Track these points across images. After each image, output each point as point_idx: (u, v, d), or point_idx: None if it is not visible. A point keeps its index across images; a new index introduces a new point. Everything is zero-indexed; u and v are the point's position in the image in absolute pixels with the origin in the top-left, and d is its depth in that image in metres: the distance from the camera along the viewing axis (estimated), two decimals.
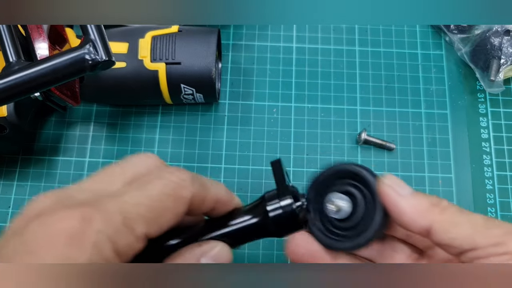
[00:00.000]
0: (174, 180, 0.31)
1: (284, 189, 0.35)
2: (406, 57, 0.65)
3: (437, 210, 0.32)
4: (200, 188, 0.33)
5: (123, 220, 0.28)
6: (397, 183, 0.33)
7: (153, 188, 0.30)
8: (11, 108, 0.52)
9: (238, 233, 0.35)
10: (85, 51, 0.36)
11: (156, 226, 0.30)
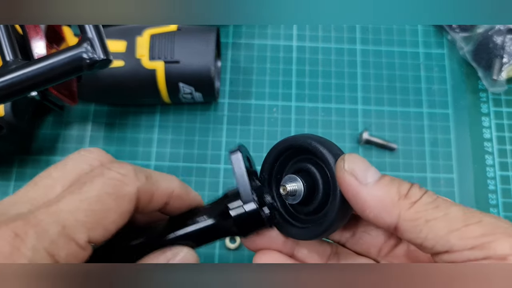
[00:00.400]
0: (114, 176, 0.29)
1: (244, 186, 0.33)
2: (407, 56, 0.65)
3: (405, 203, 0.27)
4: (146, 182, 0.30)
5: (60, 230, 0.25)
6: (359, 167, 0.28)
7: (91, 189, 0.27)
8: (8, 108, 0.52)
9: (200, 234, 0.33)
10: (83, 50, 0.36)
11: (100, 230, 0.27)
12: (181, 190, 0.33)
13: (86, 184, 0.28)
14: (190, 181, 0.59)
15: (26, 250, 0.24)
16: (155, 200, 0.31)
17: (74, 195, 0.27)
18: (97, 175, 0.28)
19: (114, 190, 0.28)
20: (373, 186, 0.28)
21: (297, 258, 0.35)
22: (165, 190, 0.32)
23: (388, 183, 0.28)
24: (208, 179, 0.59)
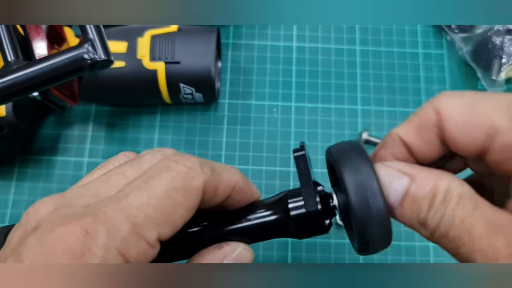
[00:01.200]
0: (181, 169, 0.28)
1: (308, 186, 0.31)
2: (407, 56, 0.65)
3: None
4: (212, 175, 0.29)
5: (131, 227, 0.24)
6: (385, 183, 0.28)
7: (159, 184, 0.26)
8: (10, 108, 0.52)
9: (258, 230, 0.32)
10: (84, 51, 0.36)
11: (169, 226, 0.26)
12: (243, 183, 0.32)
13: (153, 178, 0.27)
14: None
15: (97, 250, 0.23)
16: (219, 194, 0.30)
17: (142, 190, 0.26)
18: (164, 169, 0.28)
19: (182, 185, 0.27)
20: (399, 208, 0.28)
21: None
22: (229, 183, 0.31)
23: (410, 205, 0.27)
24: None
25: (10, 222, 0.57)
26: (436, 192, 0.26)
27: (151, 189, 0.26)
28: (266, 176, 0.59)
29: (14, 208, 0.58)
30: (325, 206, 0.32)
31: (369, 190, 0.27)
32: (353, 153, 0.29)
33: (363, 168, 0.28)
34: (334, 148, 0.30)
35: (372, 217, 0.27)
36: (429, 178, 0.27)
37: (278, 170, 0.60)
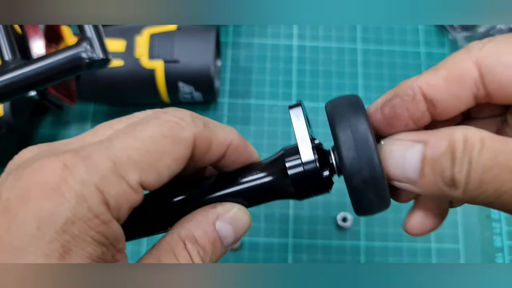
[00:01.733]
0: (170, 119, 0.27)
1: (305, 143, 0.29)
2: (409, 55, 0.65)
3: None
4: (204, 129, 0.28)
5: (112, 166, 0.23)
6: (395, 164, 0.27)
7: (146, 129, 0.26)
8: (7, 108, 0.52)
9: (255, 192, 0.30)
10: (82, 49, 0.36)
11: (153, 173, 0.25)
12: (239, 142, 0.30)
13: (141, 125, 0.26)
14: None
15: (74, 183, 0.22)
16: (212, 150, 0.29)
17: (128, 134, 0.25)
18: (153, 117, 0.27)
19: (170, 133, 0.26)
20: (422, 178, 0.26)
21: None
22: (223, 139, 0.29)
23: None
24: None
25: None
26: (454, 144, 0.24)
27: (137, 133, 0.25)
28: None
29: None
30: (324, 164, 0.30)
31: (363, 148, 0.26)
32: (347, 108, 0.27)
33: (356, 125, 0.27)
34: (330, 103, 0.29)
35: (365, 175, 0.26)
36: (442, 135, 0.25)
37: None
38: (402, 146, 0.26)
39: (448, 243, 0.57)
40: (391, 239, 0.57)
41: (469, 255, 0.57)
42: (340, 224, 0.56)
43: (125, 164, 0.24)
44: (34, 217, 0.22)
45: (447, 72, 0.26)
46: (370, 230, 0.57)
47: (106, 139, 0.25)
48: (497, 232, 0.58)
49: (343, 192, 0.58)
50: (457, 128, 0.25)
